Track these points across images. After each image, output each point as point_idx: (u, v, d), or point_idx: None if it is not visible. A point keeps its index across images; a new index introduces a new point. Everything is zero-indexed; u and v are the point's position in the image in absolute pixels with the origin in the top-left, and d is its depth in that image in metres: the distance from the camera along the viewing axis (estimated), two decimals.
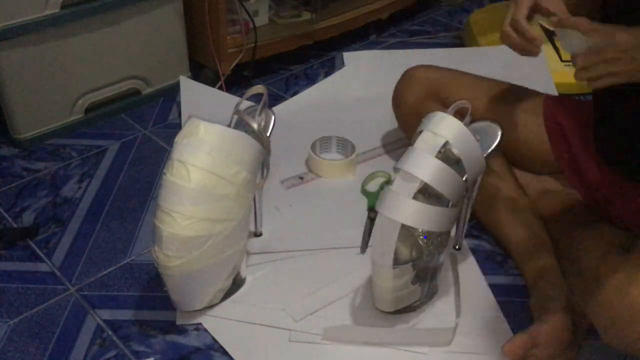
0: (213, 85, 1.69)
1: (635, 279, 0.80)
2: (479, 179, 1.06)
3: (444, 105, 1.27)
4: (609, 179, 1.10)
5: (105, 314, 1.10)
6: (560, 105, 1.22)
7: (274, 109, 1.15)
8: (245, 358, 1.02)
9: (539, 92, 1.26)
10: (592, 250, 1.02)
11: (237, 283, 1.11)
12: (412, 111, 1.31)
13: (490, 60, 1.73)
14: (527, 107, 1.22)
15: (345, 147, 1.45)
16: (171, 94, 1.69)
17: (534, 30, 0.99)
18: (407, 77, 1.33)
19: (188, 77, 1.71)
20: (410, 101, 1.31)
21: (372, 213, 1.28)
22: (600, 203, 1.13)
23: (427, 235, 1.05)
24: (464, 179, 0.99)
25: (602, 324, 0.85)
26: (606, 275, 0.84)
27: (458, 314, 1.06)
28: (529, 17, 1.02)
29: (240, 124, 1.09)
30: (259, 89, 1.12)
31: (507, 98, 1.25)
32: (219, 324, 1.07)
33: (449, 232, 1.03)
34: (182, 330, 1.07)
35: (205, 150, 0.96)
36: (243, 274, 1.13)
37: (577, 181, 1.18)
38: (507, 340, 0.98)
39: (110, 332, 1.07)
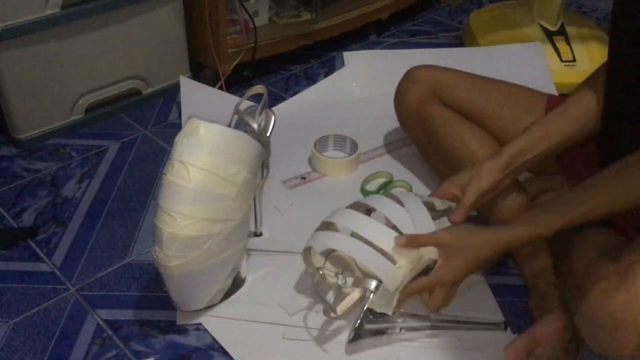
0: (213, 85, 1.69)
1: (619, 288, 0.79)
2: None
3: (446, 106, 1.27)
4: None
5: (105, 314, 1.10)
6: None
7: (274, 109, 1.15)
8: (245, 358, 1.02)
9: (543, 93, 1.26)
10: (584, 253, 1.02)
11: (237, 283, 1.11)
12: (414, 111, 1.30)
13: (490, 60, 1.73)
14: (529, 108, 1.22)
15: (343, 144, 1.45)
16: (171, 94, 1.69)
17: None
18: (409, 77, 1.33)
19: (188, 77, 1.71)
20: (412, 101, 1.31)
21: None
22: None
23: None
24: None
25: (585, 330, 0.84)
26: (593, 281, 0.83)
27: None
28: None
29: (240, 124, 1.09)
30: (259, 89, 1.12)
31: (509, 98, 1.24)
32: (219, 323, 1.07)
33: None
34: (182, 330, 1.07)
35: (205, 150, 0.96)
36: (243, 274, 1.13)
37: (576, 182, 1.18)
38: (509, 343, 0.98)
39: (110, 332, 1.07)
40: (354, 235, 1.04)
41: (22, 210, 1.32)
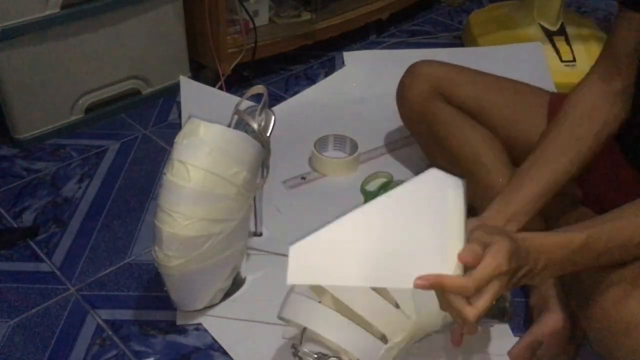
0: (213, 85, 1.69)
1: (631, 293, 0.79)
2: None
3: (448, 102, 1.27)
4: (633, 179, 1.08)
5: (105, 314, 1.10)
6: None
7: (274, 109, 1.15)
8: (245, 358, 1.02)
9: (546, 91, 1.25)
10: None
11: (237, 283, 1.11)
12: (416, 107, 1.29)
13: (490, 61, 1.72)
14: (532, 105, 1.21)
15: (343, 144, 1.46)
16: (171, 94, 1.69)
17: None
18: (412, 73, 1.31)
19: (188, 77, 1.71)
20: (415, 97, 1.29)
21: None
22: (603, 203, 1.12)
23: None
24: None
25: (594, 334, 0.84)
26: (604, 286, 0.83)
27: None
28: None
29: (240, 124, 1.09)
30: (259, 89, 1.12)
31: (512, 96, 1.24)
32: (219, 323, 1.07)
33: None
34: (182, 330, 1.07)
35: (205, 150, 0.96)
36: (243, 274, 1.13)
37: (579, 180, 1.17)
38: (513, 346, 0.98)
39: (110, 332, 1.07)
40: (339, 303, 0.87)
41: (22, 210, 1.32)
